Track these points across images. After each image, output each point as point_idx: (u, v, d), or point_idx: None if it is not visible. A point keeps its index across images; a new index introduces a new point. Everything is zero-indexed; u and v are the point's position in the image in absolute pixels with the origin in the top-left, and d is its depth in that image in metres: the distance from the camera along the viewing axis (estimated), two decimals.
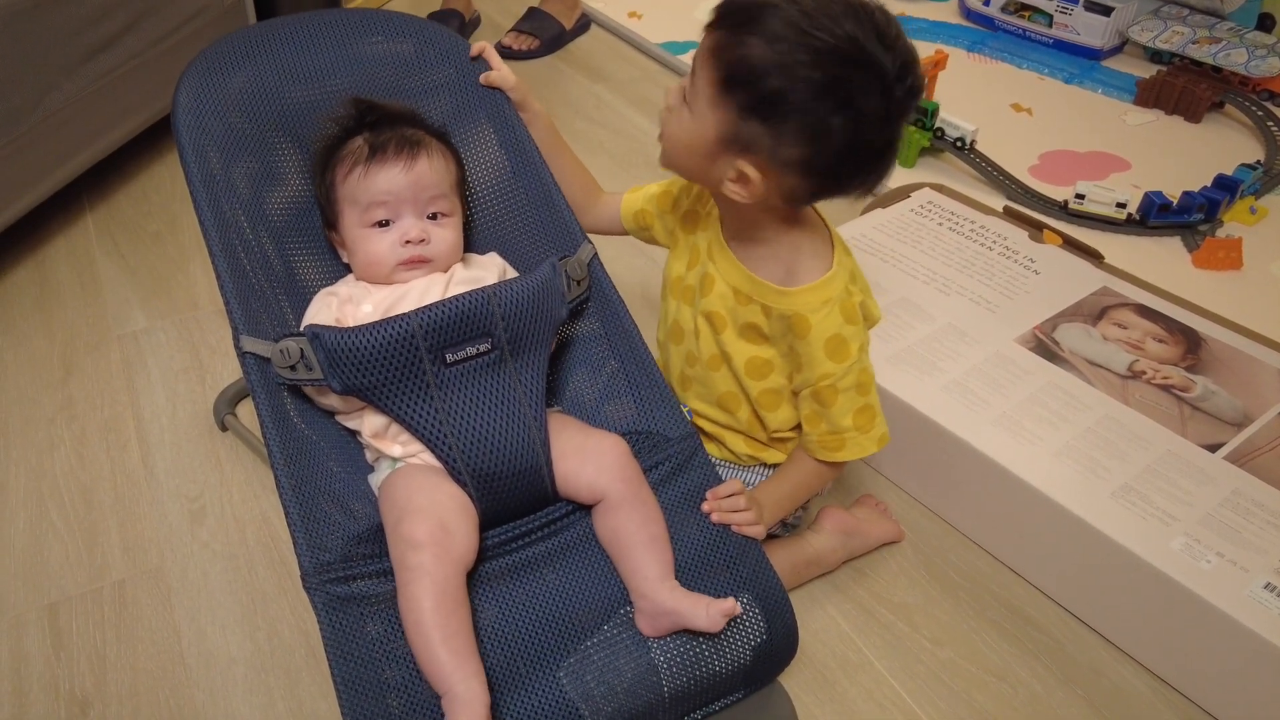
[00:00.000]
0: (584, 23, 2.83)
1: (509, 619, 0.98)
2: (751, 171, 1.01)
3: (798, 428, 1.19)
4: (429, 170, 1.10)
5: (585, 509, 1.05)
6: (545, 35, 2.71)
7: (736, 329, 1.15)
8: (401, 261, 1.09)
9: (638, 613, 0.98)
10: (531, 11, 2.76)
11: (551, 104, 2.47)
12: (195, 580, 1.31)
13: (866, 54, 0.95)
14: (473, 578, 0.98)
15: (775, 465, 1.25)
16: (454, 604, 0.92)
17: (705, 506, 1.06)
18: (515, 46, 2.68)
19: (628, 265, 1.84)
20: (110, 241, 1.94)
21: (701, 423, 1.26)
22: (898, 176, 2.11)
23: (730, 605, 0.95)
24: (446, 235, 1.12)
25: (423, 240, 1.10)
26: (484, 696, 0.88)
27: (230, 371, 1.61)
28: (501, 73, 1.25)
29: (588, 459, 1.03)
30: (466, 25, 2.78)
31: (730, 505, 1.06)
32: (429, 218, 1.11)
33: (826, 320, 1.08)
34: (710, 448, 1.27)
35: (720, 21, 0.99)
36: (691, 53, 1.08)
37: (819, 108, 0.95)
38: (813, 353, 1.09)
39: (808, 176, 1.01)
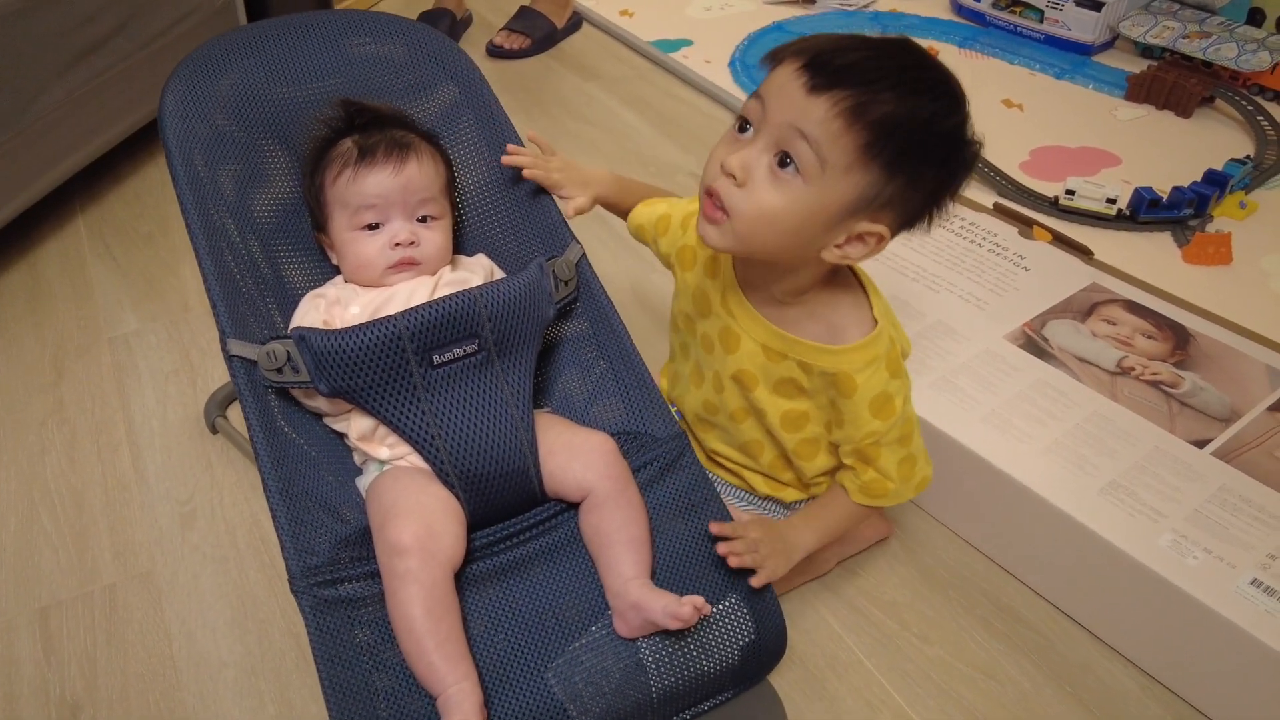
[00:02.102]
0: (575, 21, 2.83)
1: (496, 620, 0.98)
2: (880, 228, 0.95)
3: (831, 472, 1.17)
4: (418, 173, 1.11)
5: (573, 509, 1.05)
6: (537, 34, 2.71)
7: (770, 385, 1.11)
8: (391, 264, 1.09)
9: (614, 614, 0.99)
10: (523, 10, 2.76)
11: (543, 103, 2.47)
12: (186, 583, 1.31)
13: (956, 84, 0.94)
14: (460, 579, 0.98)
15: (793, 503, 1.24)
16: (444, 608, 0.93)
17: (721, 548, 1.02)
18: (506, 45, 2.68)
19: (620, 265, 1.84)
20: (101, 243, 1.94)
21: (720, 460, 1.24)
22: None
23: (697, 601, 0.93)
24: (436, 238, 1.12)
25: (412, 243, 1.10)
26: (477, 697, 0.89)
27: (221, 374, 1.61)
28: (575, 202, 1.21)
29: (575, 456, 1.03)
30: (458, 24, 2.77)
31: (740, 556, 1.02)
32: (418, 220, 1.11)
33: (873, 379, 1.04)
34: (727, 477, 1.26)
35: (831, 81, 0.90)
36: (771, 112, 0.93)
37: (957, 151, 0.94)
38: (857, 412, 1.05)
39: (915, 218, 0.98)
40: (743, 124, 0.97)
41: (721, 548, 1.02)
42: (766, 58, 0.97)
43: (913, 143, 0.91)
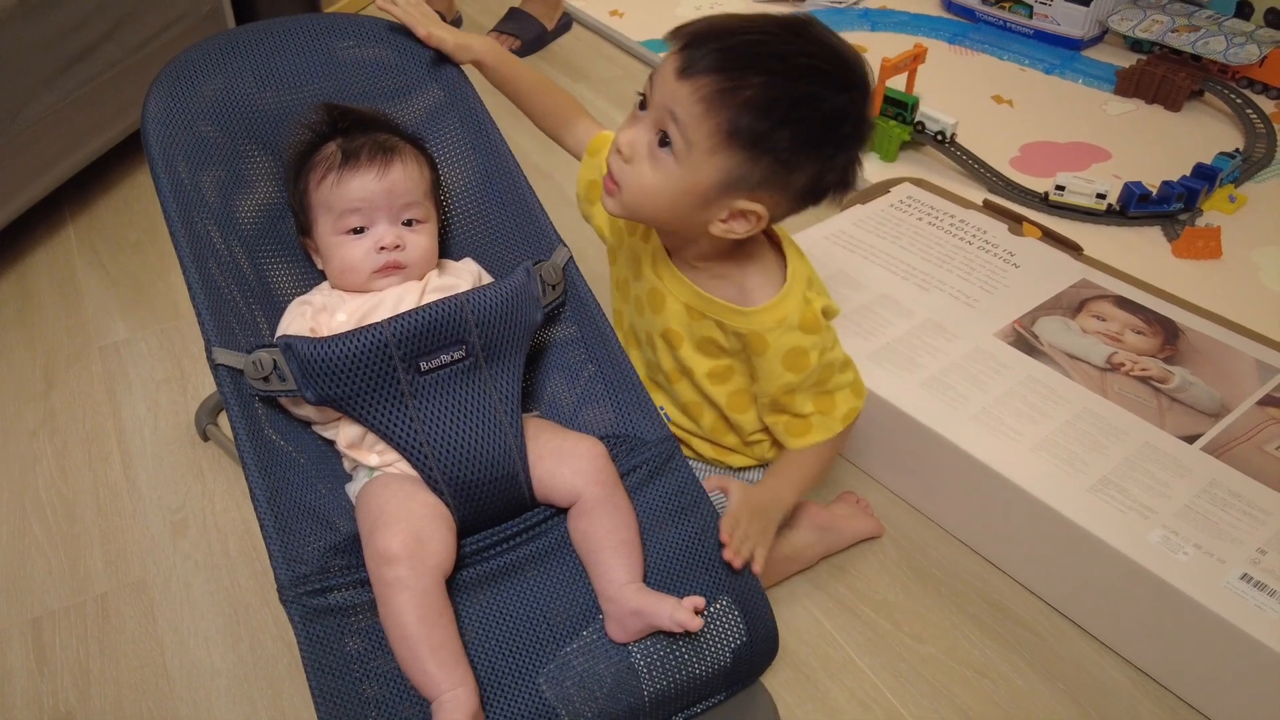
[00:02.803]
0: (565, 22, 2.83)
1: (488, 626, 0.98)
2: (758, 207, 1.00)
3: (767, 428, 1.20)
4: (403, 177, 1.10)
5: (563, 513, 1.05)
6: (527, 36, 2.70)
7: (694, 344, 1.16)
8: (376, 269, 1.09)
9: (607, 618, 0.99)
10: (513, 12, 2.76)
11: None
12: (178, 592, 1.31)
13: (848, 64, 0.96)
14: (451, 585, 0.98)
15: (741, 469, 1.26)
16: (436, 614, 0.93)
17: (727, 555, 1.03)
18: None
19: (607, 268, 1.83)
20: (91, 251, 1.93)
21: (669, 427, 1.25)
22: (878, 171, 2.12)
23: (698, 603, 0.95)
24: (421, 241, 1.12)
25: (397, 247, 1.09)
26: (472, 704, 0.89)
27: (212, 381, 1.60)
28: (430, 32, 1.22)
29: (564, 461, 1.03)
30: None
31: (739, 553, 1.04)
32: (404, 224, 1.11)
33: (783, 338, 1.08)
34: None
35: (698, 65, 0.95)
36: (654, 92, 1.00)
37: (833, 134, 0.97)
38: (770, 367, 1.10)
39: (806, 198, 1.02)
40: (642, 100, 1.03)
41: (727, 554, 1.03)
42: (667, 34, 1.02)
43: (774, 127, 0.94)
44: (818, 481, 1.21)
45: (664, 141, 0.99)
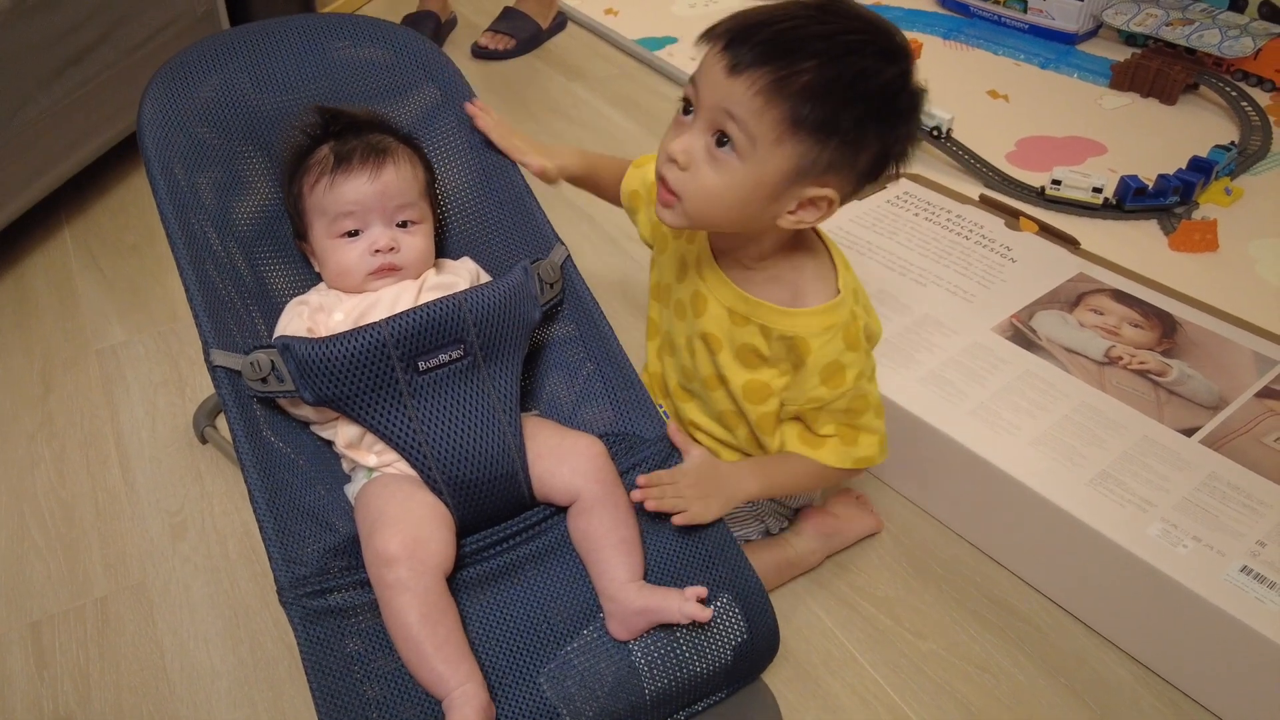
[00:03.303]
0: (560, 21, 2.83)
1: (488, 626, 0.98)
2: (829, 192, 0.98)
3: None
4: (396, 178, 1.10)
5: (563, 512, 1.05)
6: (521, 35, 2.70)
7: (733, 351, 1.12)
8: (372, 271, 1.09)
9: (608, 617, 0.98)
10: (507, 11, 2.76)
11: (529, 103, 2.47)
12: (177, 595, 1.30)
13: (889, 33, 0.96)
14: (451, 585, 0.97)
15: None
16: (439, 612, 0.93)
17: (636, 495, 1.01)
18: (491, 46, 2.68)
19: (607, 264, 1.84)
20: (88, 255, 1.93)
21: (699, 435, 1.24)
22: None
23: (700, 592, 0.95)
24: (416, 243, 1.11)
25: (392, 249, 1.09)
26: (481, 699, 0.89)
27: (209, 383, 1.60)
28: (539, 162, 1.21)
29: (564, 460, 1.03)
30: (443, 26, 2.77)
31: (657, 494, 1.02)
32: (398, 225, 1.11)
33: (827, 346, 1.05)
34: None
35: (746, 59, 0.93)
36: (702, 95, 0.97)
37: (893, 105, 0.95)
38: (807, 377, 1.07)
39: (870, 175, 1.00)
40: (685, 106, 1.00)
41: (637, 495, 1.01)
42: (699, 38, 1.00)
43: (837, 108, 0.93)
44: (794, 493, 1.19)
45: (721, 141, 0.96)
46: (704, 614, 0.94)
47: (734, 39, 0.94)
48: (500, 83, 2.57)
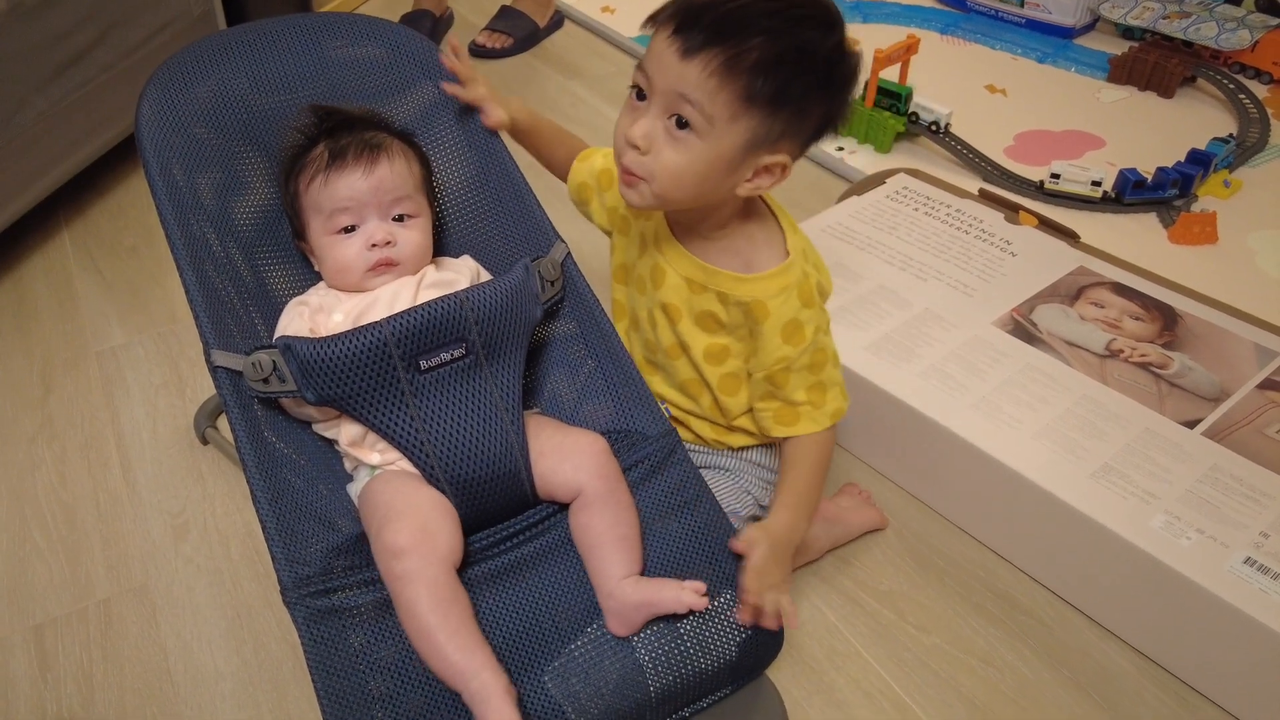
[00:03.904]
0: (557, 19, 2.82)
1: (492, 624, 0.98)
2: (782, 158, 1.03)
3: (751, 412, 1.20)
4: (390, 173, 1.10)
5: (566, 510, 1.05)
6: (519, 33, 2.70)
7: (693, 318, 1.16)
8: (370, 266, 1.09)
9: (606, 614, 0.98)
10: (504, 10, 2.75)
11: (527, 102, 2.45)
12: (180, 596, 1.30)
13: (825, 4, 1.00)
14: None
15: (741, 448, 1.25)
16: (450, 601, 0.93)
17: (743, 617, 1.00)
18: (488, 45, 2.67)
19: (607, 261, 1.83)
20: (87, 257, 1.93)
21: (669, 407, 1.26)
22: (873, 162, 2.12)
23: (699, 587, 0.96)
24: (413, 236, 1.11)
25: (389, 242, 1.09)
26: (503, 683, 0.89)
27: (210, 384, 1.59)
28: (497, 114, 1.23)
29: (566, 456, 1.03)
30: (439, 25, 2.77)
31: (766, 613, 1.00)
32: (395, 220, 1.11)
33: (784, 306, 1.09)
34: (680, 432, 1.26)
35: (698, 41, 0.96)
36: (655, 80, 1.00)
37: (837, 71, 1.00)
38: (769, 338, 1.10)
39: (814, 138, 1.05)
40: (638, 92, 1.04)
41: (745, 616, 0.99)
42: (646, 21, 1.04)
43: (787, 80, 0.97)
44: (819, 492, 1.18)
45: (680, 124, 1.00)
46: (701, 603, 0.95)
47: (683, 23, 0.98)
48: (498, 81, 2.55)
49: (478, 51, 2.67)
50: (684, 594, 0.95)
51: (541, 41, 2.76)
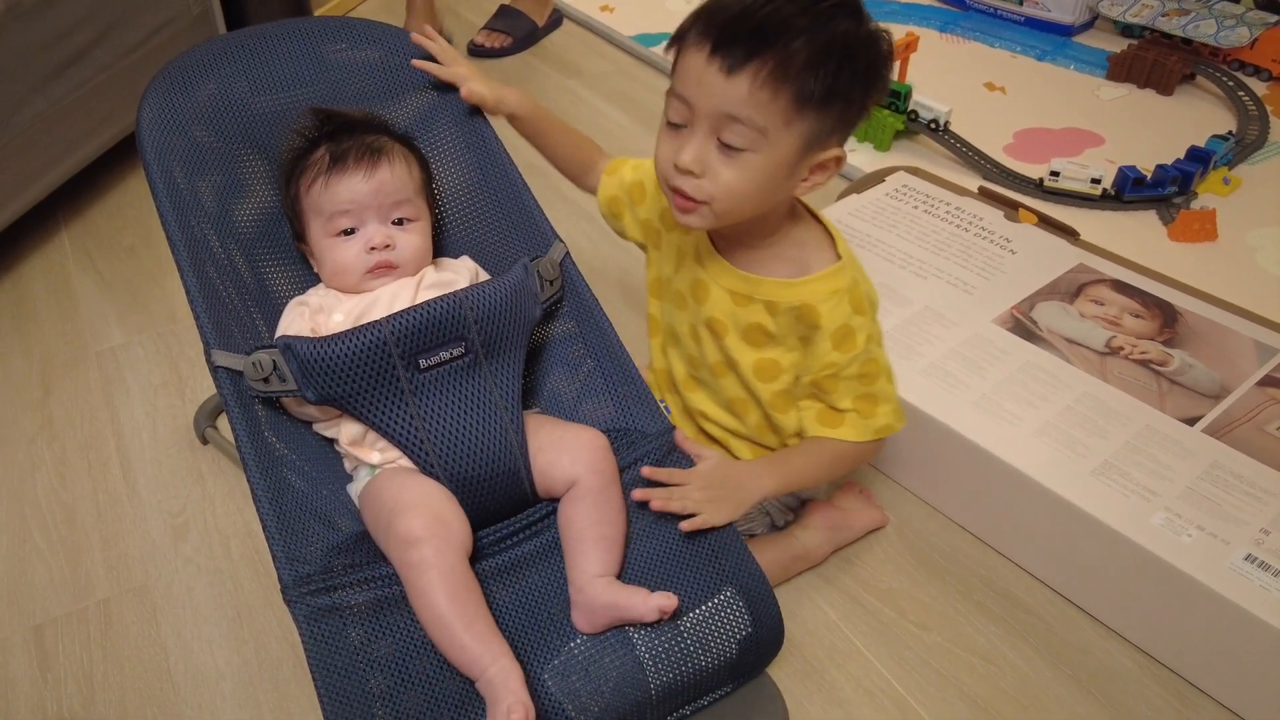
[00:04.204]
0: (556, 18, 2.82)
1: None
2: (837, 150, 1.02)
3: None
4: (390, 176, 1.10)
5: None
6: (518, 33, 2.69)
7: (739, 333, 1.13)
8: (369, 269, 1.09)
9: (573, 607, 0.98)
10: (503, 9, 2.75)
11: None
12: (180, 596, 1.30)
13: (851, 3, 0.99)
14: None
15: None
16: (466, 590, 0.93)
17: (638, 494, 1.02)
18: (487, 44, 2.67)
19: (606, 261, 1.83)
20: (86, 257, 1.93)
21: (709, 426, 1.24)
22: (873, 160, 2.12)
23: (672, 599, 0.95)
24: (413, 240, 1.11)
25: (388, 246, 1.09)
26: (517, 671, 0.89)
27: (210, 384, 1.60)
28: (470, 88, 1.22)
29: (564, 451, 1.03)
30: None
31: (664, 495, 1.02)
32: (394, 223, 1.11)
33: (836, 310, 1.07)
34: (714, 449, 1.26)
35: (740, 55, 0.94)
36: (698, 102, 0.97)
37: (874, 56, 0.99)
38: (820, 342, 1.08)
39: (857, 123, 1.04)
40: (679, 117, 1.01)
41: (639, 493, 1.01)
42: (669, 43, 1.01)
43: (835, 74, 0.96)
44: (813, 483, 1.19)
45: (731, 144, 0.98)
46: (670, 602, 0.94)
47: (719, 39, 0.95)
48: (497, 81, 2.56)
49: (476, 51, 2.67)
50: (653, 599, 0.95)
51: (541, 40, 2.76)
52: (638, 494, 1.02)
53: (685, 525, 1.01)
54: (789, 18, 0.94)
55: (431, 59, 1.23)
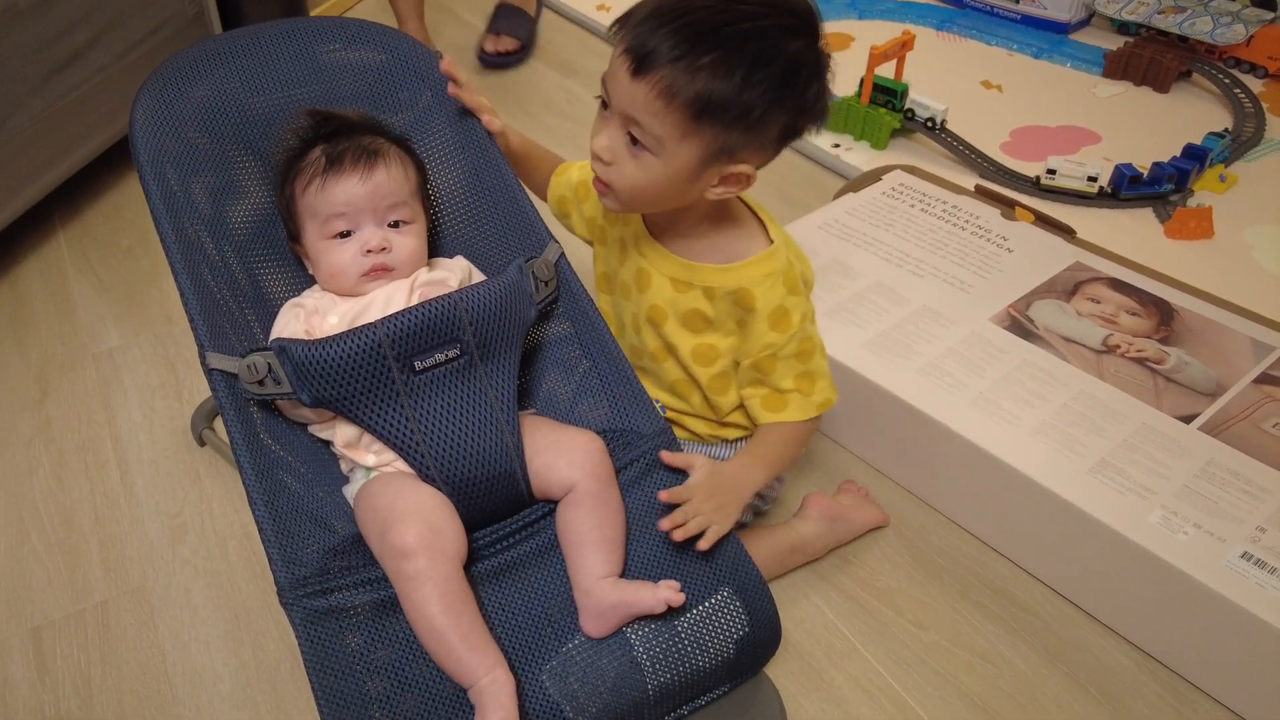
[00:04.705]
0: (538, 7, 2.79)
1: (490, 623, 0.98)
2: (745, 168, 1.03)
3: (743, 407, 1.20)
4: (387, 179, 1.10)
5: None
6: (522, 33, 2.65)
7: (679, 319, 1.17)
8: (364, 272, 1.09)
9: (581, 612, 0.98)
10: (502, 7, 2.70)
11: (523, 101, 2.46)
12: (178, 598, 1.30)
13: (790, 9, 0.98)
14: None
15: (736, 440, 1.26)
16: (461, 601, 0.93)
17: (664, 525, 1.01)
18: (498, 50, 2.60)
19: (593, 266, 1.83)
20: (83, 259, 1.93)
21: (663, 406, 1.26)
22: (869, 159, 2.12)
23: (676, 585, 0.96)
24: (408, 243, 1.11)
25: (384, 249, 1.09)
26: (509, 684, 0.89)
27: (207, 386, 1.59)
28: (492, 120, 1.22)
29: (561, 453, 1.03)
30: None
31: (684, 528, 1.01)
32: (390, 226, 1.11)
33: (770, 292, 1.10)
34: (677, 432, 1.26)
35: (647, 61, 0.96)
36: (612, 95, 1.02)
37: (793, 82, 0.98)
38: (756, 324, 1.11)
39: (784, 140, 1.04)
40: (603, 102, 1.05)
41: (665, 523, 1.00)
42: (610, 28, 1.03)
43: (734, 97, 0.96)
44: (789, 463, 1.20)
45: (634, 140, 1.02)
46: (678, 598, 0.95)
47: (633, 41, 0.97)
48: (494, 82, 2.56)
49: (490, 60, 2.60)
50: (660, 592, 0.96)
51: (537, 36, 2.74)
52: (664, 524, 1.01)
53: (702, 544, 1.01)
54: (704, 32, 0.95)
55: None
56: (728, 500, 1.06)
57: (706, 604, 1.00)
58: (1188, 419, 1.33)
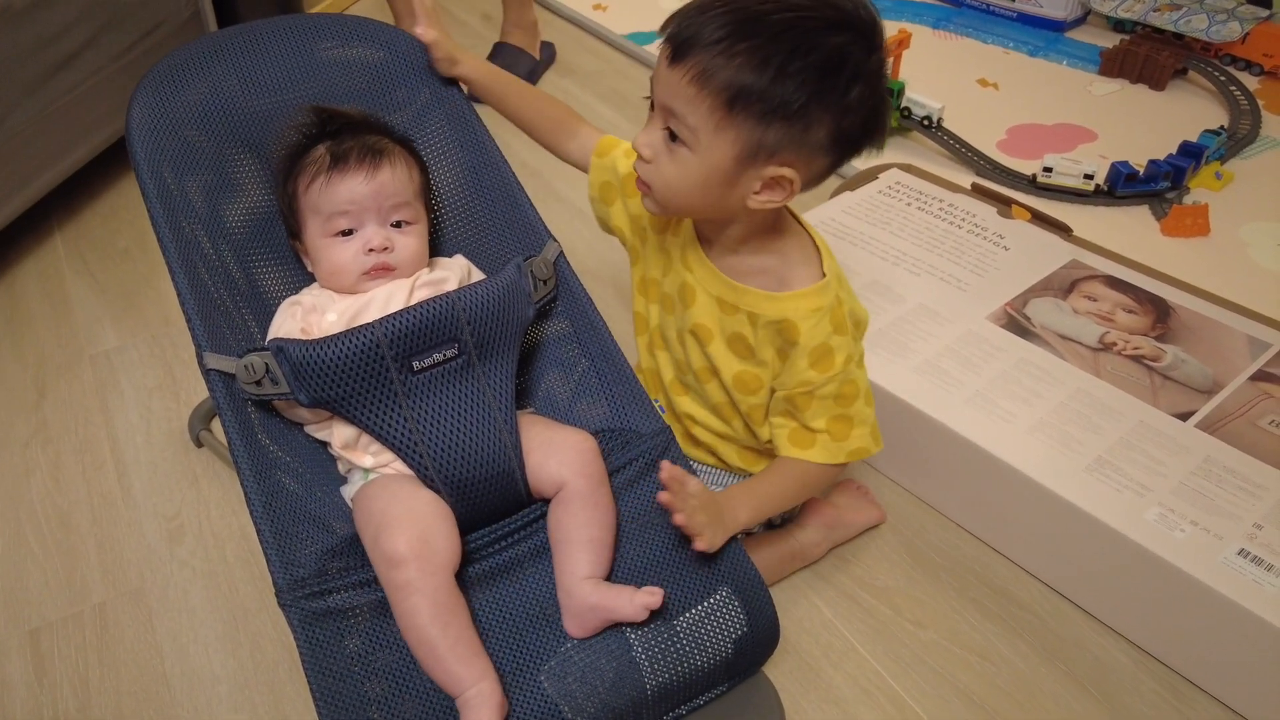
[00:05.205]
0: (550, 54, 2.68)
1: (488, 624, 0.98)
2: (787, 171, 0.98)
3: None
4: (391, 179, 1.10)
5: None
6: (520, 71, 2.59)
7: (724, 340, 1.12)
8: (365, 270, 1.08)
9: (563, 611, 0.99)
10: (499, 46, 2.64)
11: None
12: (176, 599, 1.30)
13: (836, 5, 0.95)
14: None
15: None
16: (450, 612, 0.93)
17: (663, 497, 0.97)
18: None
19: (601, 258, 1.83)
20: (80, 260, 1.92)
21: (697, 430, 1.23)
22: (866, 158, 2.11)
23: (656, 594, 0.95)
24: (410, 243, 1.11)
25: (386, 248, 1.09)
26: (497, 696, 0.90)
27: (204, 387, 1.59)
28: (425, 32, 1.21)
29: (553, 452, 1.03)
30: None
31: (680, 504, 0.98)
32: (393, 225, 1.11)
33: (816, 329, 1.06)
34: (701, 455, 1.26)
35: (683, 49, 0.95)
36: (655, 89, 1.00)
37: (834, 78, 0.94)
38: (797, 360, 1.07)
39: (835, 149, 0.99)
40: (651, 101, 1.03)
41: (663, 496, 0.97)
42: (660, 30, 1.01)
43: (771, 87, 0.93)
44: (784, 508, 1.18)
45: (672, 135, 0.99)
46: (657, 601, 0.95)
47: (677, 30, 0.96)
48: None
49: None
50: (639, 596, 0.95)
51: (541, 76, 2.66)
52: (661, 497, 0.98)
53: (697, 545, 0.99)
54: (744, 21, 0.93)
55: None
56: (715, 521, 1.03)
57: (705, 604, 1.01)
58: (1184, 416, 1.33)
